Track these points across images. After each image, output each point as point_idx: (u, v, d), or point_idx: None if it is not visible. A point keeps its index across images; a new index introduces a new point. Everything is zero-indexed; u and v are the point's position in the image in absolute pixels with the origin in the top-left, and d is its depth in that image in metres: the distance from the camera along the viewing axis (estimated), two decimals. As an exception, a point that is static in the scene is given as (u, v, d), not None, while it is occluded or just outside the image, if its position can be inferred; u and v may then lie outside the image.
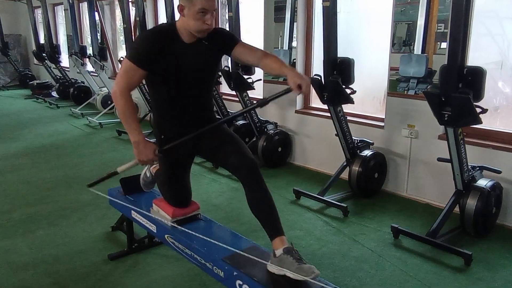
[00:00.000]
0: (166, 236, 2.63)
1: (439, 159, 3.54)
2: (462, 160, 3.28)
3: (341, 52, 3.86)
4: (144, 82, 2.39)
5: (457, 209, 3.40)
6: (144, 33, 2.37)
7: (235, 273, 2.13)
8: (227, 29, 5.25)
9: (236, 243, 2.44)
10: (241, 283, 2.10)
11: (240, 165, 2.27)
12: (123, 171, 2.46)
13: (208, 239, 2.29)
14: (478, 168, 3.45)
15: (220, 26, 6.35)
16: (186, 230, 2.42)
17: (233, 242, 2.45)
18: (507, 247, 3.28)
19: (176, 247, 2.55)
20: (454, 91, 2.98)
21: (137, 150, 2.29)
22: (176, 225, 2.56)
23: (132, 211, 2.93)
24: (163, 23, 2.45)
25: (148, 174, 3.07)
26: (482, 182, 3.37)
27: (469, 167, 3.38)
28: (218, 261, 2.23)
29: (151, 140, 2.48)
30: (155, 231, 2.75)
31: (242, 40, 2.49)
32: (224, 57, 3.28)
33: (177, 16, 5.77)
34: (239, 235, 2.60)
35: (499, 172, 3.43)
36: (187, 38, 2.29)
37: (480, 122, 3.00)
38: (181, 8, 2.24)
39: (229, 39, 2.42)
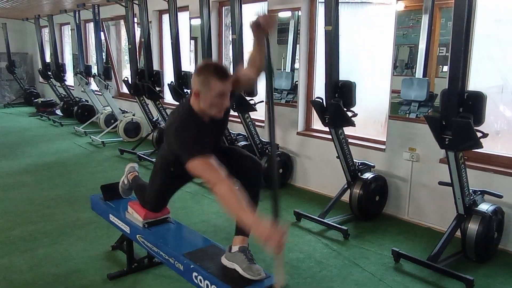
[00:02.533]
0: (137, 236, 2.84)
1: (440, 183, 3.53)
2: (463, 184, 3.27)
3: (343, 75, 3.89)
4: (146, 102, 2.43)
5: (458, 233, 3.38)
6: (179, 125, 2.24)
7: (191, 266, 2.35)
8: (231, 51, 5.30)
9: (198, 242, 2.74)
10: (196, 274, 2.32)
11: (253, 166, 2.49)
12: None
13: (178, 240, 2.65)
14: (479, 192, 3.44)
15: (223, 49, 6.43)
16: (156, 231, 2.78)
17: (195, 241, 2.76)
18: (509, 272, 3.25)
19: (146, 246, 2.77)
20: (454, 116, 2.99)
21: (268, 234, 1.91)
22: (147, 227, 2.82)
23: (110, 214, 3.16)
24: (182, 110, 2.35)
25: (125, 182, 3.22)
26: (484, 207, 3.36)
27: (471, 191, 3.37)
28: (179, 257, 2.46)
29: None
30: (128, 232, 2.96)
31: (242, 64, 2.55)
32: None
33: (181, 38, 5.77)
34: (203, 236, 2.87)
35: (500, 196, 3.42)
36: (206, 118, 2.31)
37: (481, 147, 3.01)
38: (196, 93, 2.22)
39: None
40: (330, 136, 4.12)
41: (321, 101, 3.97)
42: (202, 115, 2.29)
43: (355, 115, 3.86)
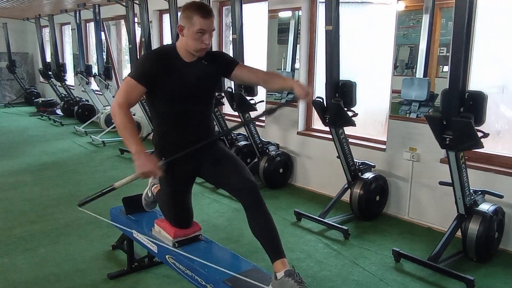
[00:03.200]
0: (167, 256, 2.63)
1: (441, 183, 3.53)
2: (464, 184, 3.26)
3: (343, 75, 3.89)
4: (145, 102, 2.46)
5: (459, 233, 3.37)
6: (146, 53, 2.43)
7: None
8: (231, 51, 5.31)
9: (237, 265, 2.45)
10: None
11: (242, 187, 2.31)
12: (121, 186, 2.31)
13: (208, 263, 2.30)
14: (480, 192, 3.44)
15: (224, 48, 6.43)
16: (187, 252, 2.46)
17: (234, 264, 2.47)
18: (510, 273, 3.25)
19: (177, 268, 2.55)
20: (455, 115, 2.99)
21: (138, 161, 2.17)
22: (177, 246, 2.58)
23: (134, 231, 2.91)
24: (165, 45, 2.49)
25: (149, 194, 3.06)
26: (484, 207, 3.35)
27: (471, 191, 3.36)
28: (219, 283, 2.22)
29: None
30: (156, 251, 2.75)
31: (243, 63, 2.55)
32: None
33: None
34: (240, 257, 2.61)
35: (501, 196, 3.41)
36: (187, 57, 2.37)
37: (482, 146, 3.01)
38: (180, 29, 2.32)
39: (229, 61, 2.54)
40: (330, 136, 4.12)
41: (321, 100, 3.96)
42: (183, 53, 2.36)
43: (355, 115, 3.85)
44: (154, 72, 2.30)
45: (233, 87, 5.18)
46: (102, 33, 8.44)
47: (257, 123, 5.28)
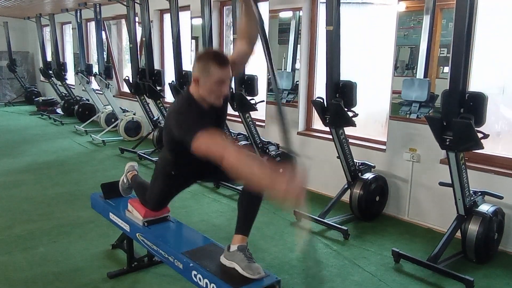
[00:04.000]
0: (137, 234, 2.84)
1: (441, 184, 3.53)
2: (464, 185, 3.27)
3: (344, 75, 3.89)
4: (147, 102, 2.42)
5: (458, 234, 3.38)
6: (180, 107, 2.23)
7: (191, 265, 2.35)
8: (232, 51, 5.29)
9: (197, 241, 2.74)
10: (195, 273, 2.32)
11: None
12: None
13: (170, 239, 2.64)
14: (480, 193, 3.44)
15: (224, 48, 6.43)
16: (155, 230, 2.78)
17: (195, 240, 2.77)
18: (509, 273, 3.25)
19: (146, 244, 2.77)
20: (455, 116, 2.99)
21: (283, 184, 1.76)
22: (146, 225, 2.82)
23: (110, 213, 3.15)
24: (184, 95, 2.33)
25: (125, 180, 3.22)
26: (484, 208, 3.36)
27: (471, 192, 3.37)
28: (178, 255, 2.46)
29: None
30: (128, 230, 2.95)
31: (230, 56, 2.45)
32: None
33: (182, 37, 5.75)
34: (202, 235, 2.84)
35: (501, 197, 3.42)
36: (205, 105, 2.29)
37: (482, 147, 3.01)
38: (196, 79, 2.22)
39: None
40: (330, 136, 4.12)
41: (322, 101, 3.97)
42: (201, 102, 2.27)
43: (355, 115, 3.85)
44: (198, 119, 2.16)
45: (233, 87, 5.18)
46: (103, 33, 8.44)
47: (257, 123, 5.28)
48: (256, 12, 2.24)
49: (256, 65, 5.27)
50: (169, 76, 6.48)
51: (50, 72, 10.27)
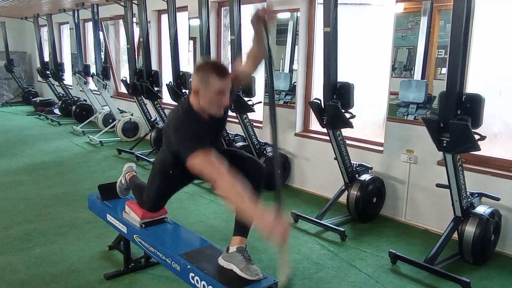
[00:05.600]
0: (134, 236, 2.84)
1: (438, 185, 3.54)
2: (461, 187, 3.27)
3: (341, 76, 3.89)
4: (144, 102, 2.41)
5: (455, 235, 3.38)
6: (179, 119, 2.23)
7: (188, 267, 2.35)
8: (230, 51, 5.30)
9: (195, 242, 2.75)
10: (193, 275, 2.32)
11: (254, 167, 2.50)
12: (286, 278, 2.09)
13: (167, 241, 2.64)
14: (477, 195, 3.45)
15: (222, 49, 6.42)
16: (152, 232, 2.78)
17: (192, 242, 2.77)
18: (506, 275, 3.25)
19: (143, 246, 2.77)
20: (452, 118, 2.99)
21: (269, 224, 1.90)
22: (143, 227, 2.82)
23: (107, 214, 3.15)
24: (184, 105, 2.33)
25: (123, 181, 3.22)
26: (481, 209, 3.36)
27: (468, 193, 3.37)
28: (175, 257, 2.46)
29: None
30: (125, 232, 2.95)
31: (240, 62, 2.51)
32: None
33: (180, 38, 5.73)
34: (199, 236, 2.86)
35: (497, 199, 3.42)
36: (205, 116, 2.30)
37: (479, 149, 3.01)
38: (196, 91, 2.23)
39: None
40: (328, 138, 4.12)
41: (319, 102, 3.97)
42: (202, 113, 2.27)
43: (353, 116, 3.86)
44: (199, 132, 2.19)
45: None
46: (101, 33, 8.42)
47: (254, 124, 5.28)
48: (266, 37, 2.27)
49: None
50: (167, 77, 6.47)
51: (48, 72, 10.25)
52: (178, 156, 2.21)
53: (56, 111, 10.47)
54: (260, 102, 5.18)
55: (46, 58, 10.67)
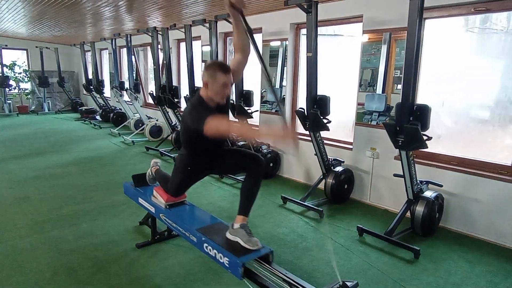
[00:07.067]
0: (160, 214, 2.85)
1: (395, 175, 3.55)
2: (413, 176, 3.28)
3: (320, 91, 3.89)
4: (167, 111, 2.39)
5: (408, 214, 3.39)
6: (193, 106, 2.26)
7: (203, 239, 2.38)
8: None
9: (208, 220, 2.73)
10: (207, 245, 2.35)
11: (255, 165, 2.41)
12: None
13: (187, 218, 2.63)
14: (425, 182, 3.46)
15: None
16: (174, 211, 2.79)
17: (206, 219, 2.74)
18: (448, 244, 3.27)
19: (167, 222, 2.78)
20: (406, 123, 3.00)
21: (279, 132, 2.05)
22: (168, 208, 2.84)
23: (139, 198, 3.15)
24: (193, 100, 2.34)
25: (150, 173, 3.21)
26: (428, 193, 3.38)
27: (418, 181, 3.38)
28: (193, 231, 2.49)
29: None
30: (153, 211, 2.95)
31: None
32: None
33: (195, 60, 5.68)
34: (211, 215, 2.80)
35: (441, 186, 3.44)
36: (212, 104, 2.30)
37: (426, 147, 3.02)
38: (205, 83, 2.25)
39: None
40: (309, 138, 4.12)
41: (303, 111, 3.97)
42: (209, 102, 2.28)
43: (329, 122, 3.86)
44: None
45: (234, 99, 5.18)
46: (133, 57, 8.39)
47: (252, 127, 5.25)
48: (243, 23, 2.18)
49: (252, 82, 5.28)
50: (184, 90, 6.47)
51: (91, 87, 10.20)
52: (194, 144, 2.26)
53: (98, 117, 10.42)
54: (257, 110, 5.18)
55: (90, 76, 10.61)
